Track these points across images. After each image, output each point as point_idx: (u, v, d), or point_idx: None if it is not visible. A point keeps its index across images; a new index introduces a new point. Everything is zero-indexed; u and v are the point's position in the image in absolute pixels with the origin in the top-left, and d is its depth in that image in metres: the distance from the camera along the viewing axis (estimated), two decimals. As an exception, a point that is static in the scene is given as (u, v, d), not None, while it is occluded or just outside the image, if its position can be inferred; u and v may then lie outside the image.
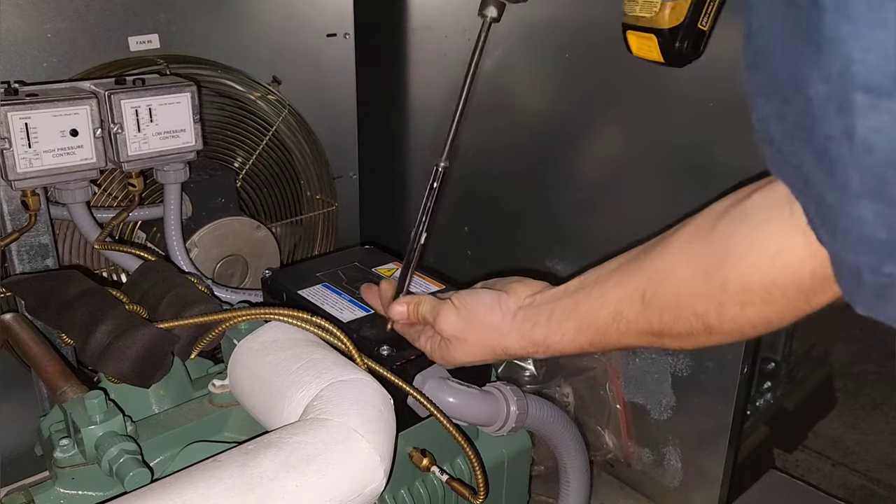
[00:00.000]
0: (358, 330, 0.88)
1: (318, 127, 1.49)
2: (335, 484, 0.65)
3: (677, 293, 0.59)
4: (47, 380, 0.88)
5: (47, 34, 1.14)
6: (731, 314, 0.55)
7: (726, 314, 0.56)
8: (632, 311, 0.63)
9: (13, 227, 1.09)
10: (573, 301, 0.70)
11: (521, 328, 0.75)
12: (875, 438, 1.90)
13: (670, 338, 0.62)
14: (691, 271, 0.58)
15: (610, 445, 1.35)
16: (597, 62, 1.21)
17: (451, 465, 0.96)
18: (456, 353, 0.80)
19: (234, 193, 1.33)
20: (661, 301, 0.60)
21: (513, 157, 1.42)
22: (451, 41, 1.47)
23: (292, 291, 0.99)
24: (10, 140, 0.98)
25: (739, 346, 1.13)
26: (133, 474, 0.73)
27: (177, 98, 1.10)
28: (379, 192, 1.72)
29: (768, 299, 0.52)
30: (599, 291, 0.67)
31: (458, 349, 0.79)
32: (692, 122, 1.09)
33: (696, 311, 0.58)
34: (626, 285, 0.64)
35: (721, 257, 0.55)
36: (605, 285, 0.67)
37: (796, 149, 0.45)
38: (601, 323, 0.67)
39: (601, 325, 0.67)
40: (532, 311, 0.75)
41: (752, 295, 0.53)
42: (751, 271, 0.53)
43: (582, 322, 0.69)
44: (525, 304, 0.76)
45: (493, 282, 0.82)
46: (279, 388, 0.75)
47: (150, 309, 0.93)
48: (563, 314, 0.71)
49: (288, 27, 1.42)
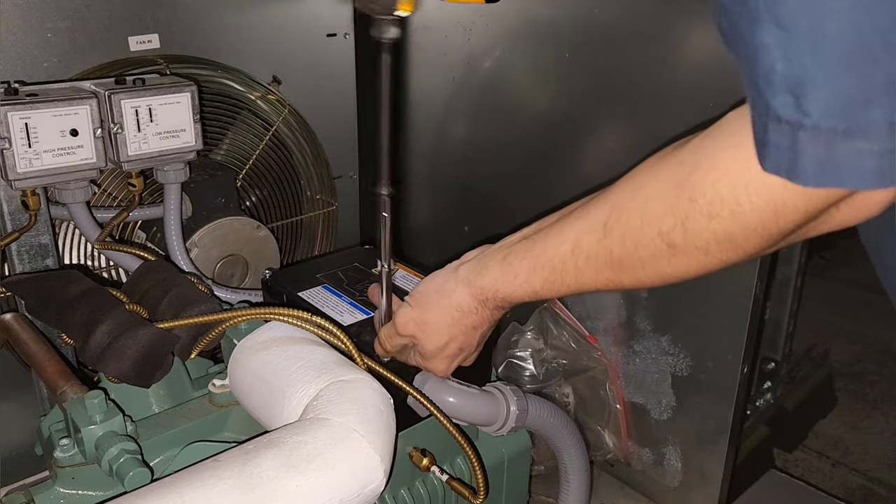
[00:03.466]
0: (359, 334, 0.88)
1: (318, 127, 1.49)
2: (335, 483, 0.65)
3: (643, 212, 0.58)
4: (47, 380, 0.88)
5: (47, 34, 1.14)
6: (698, 228, 0.53)
7: (692, 228, 0.54)
8: (591, 241, 0.62)
9: (13, 227, 1.09)
10: (530, 242, 0.69)
11: (468, 278, 0.74)
12: (875, 438, 1.90)
13: (629, 268, 0.60)
14: (660, 188, 0.56)
15: (610, 445, 1.35)
16: (597, 62, 1.21)
17: (451, 465, 0.96)
18: (427, 345, 0.78)
19: (234, 193, 1.33)
20: (623, 225, 0.59)
21: (513, 157, 1.42)
22: (451, 41, 1.47)
23: (293, 294, 0.98)
24: (10, 140, 0.98)
25: (739, 345, 1.13)
26: (133, 474, 0.73)
27: (177, 98, 1.10)
28: (379, 192, 1.72)
29: (737, 210, 0.51)
30: (558, 228, 0.66)
31: (426, 340, 0.78)
32: (692, 123, 1.09)
33: (661, 230, 0.56)
34: (587, 218, 0.63)
35: (692, 168, 0.54)
36: (563, 223, 0.66)
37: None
38: (557, 260, 0.65)
39: (557, 263, 0.65)
40: (480, 260, 0.74)
41: (721, 204, 0.51)
42: (722, 177, 0.51)
43: (537, 261, 0.67)
44: (471, 259, 0.75)
45: None
46: (279, 388, 0.75)
47: (150, 309, 0.93)
48: (517, 256, 0.69)
49: (288, 27, 1.42)
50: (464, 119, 1.51)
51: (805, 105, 0.43)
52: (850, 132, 0.43)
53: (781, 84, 0.44)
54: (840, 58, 0.42)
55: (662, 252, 0.57)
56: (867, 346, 2.27)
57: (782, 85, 0.44)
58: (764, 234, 0.51)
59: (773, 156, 0.47)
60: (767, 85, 0.45)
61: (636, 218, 0.58)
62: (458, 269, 0.75)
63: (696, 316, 1.18)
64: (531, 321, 1.35)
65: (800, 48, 0.42)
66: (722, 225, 0.52)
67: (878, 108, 0.42)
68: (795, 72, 0.43)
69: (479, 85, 1.45)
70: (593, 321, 1.33)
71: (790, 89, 0.44)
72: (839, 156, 0.44)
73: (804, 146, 0.44)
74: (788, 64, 0.43)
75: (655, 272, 0.59)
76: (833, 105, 0.43)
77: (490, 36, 1.40)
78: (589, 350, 1.32)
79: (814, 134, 0.44)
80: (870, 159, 0.43)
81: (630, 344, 1.28)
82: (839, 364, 2.14)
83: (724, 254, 0.54)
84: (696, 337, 1.18)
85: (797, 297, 1.57)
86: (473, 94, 1.47)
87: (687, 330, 1.19)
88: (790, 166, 0.46)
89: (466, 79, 1.47)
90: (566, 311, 1.34)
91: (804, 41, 0.42)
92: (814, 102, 0.43)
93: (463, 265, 0.76)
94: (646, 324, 1.25)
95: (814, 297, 1.90)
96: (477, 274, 0.73)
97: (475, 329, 0.77)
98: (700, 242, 0.54)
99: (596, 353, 1.32)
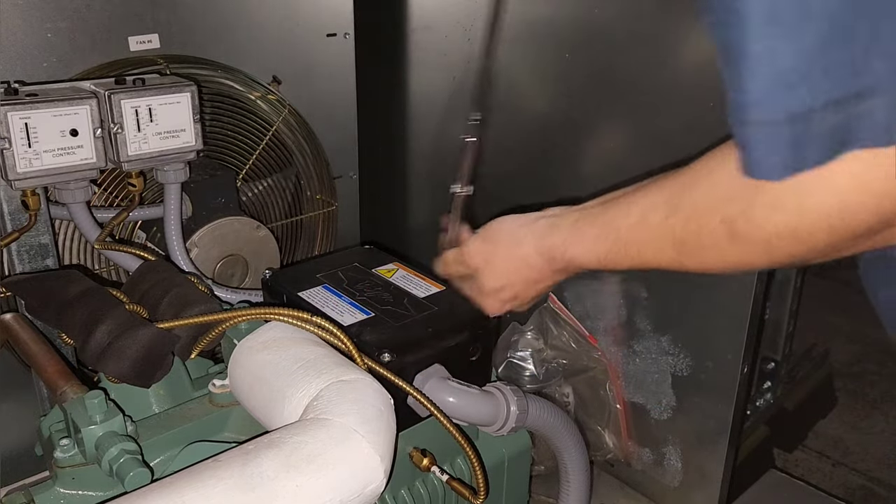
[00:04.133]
0: (359, 334, 0.88)
1: (318, 127, 1.49)
2: (335, 484, 0.65)
3: (709, 195, 0.57)
4: (47, 380, 0.88)
5: (47, 34, 1.14)
6: (761, 218, 0.52)
7: (755, 217, 0.52)
8: (656, 216, 0.62)
9: (13, 227, 1.09)
10: (602, 208, 0.70)
11: (540, 232, 0.75)
12: (875, 438, 1.90)
13: (691, 251, 0.59)
14: (728, 173, 0.54)
15: (610, 445, 1.35)
16: (597, 62, 1.21)
17: (452, 465, 0.96)
18: (486, 281, 0.81)
19: (234, 193, 1.33)
20: (689, 205, 0.59)
21: (513, 156, 1.42)
22: (451, 41, 1.47)
23: (293, 294, 0.98)
24: (10, 140, 0.98)
25: (739, 345, 1.13)
26: (133, 474, 0.73)
27: (177, 98, 1.10)
28: (379, 192, 1.72)
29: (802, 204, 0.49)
30: (627, 200, 0.66)
31: (487, 276, 0.81)
32: (692, 122, 1.09)
33: (725, 216, 0.55)
34: (656, 194, 0.63)
35: None
36: (633, 195, 0.66)
37: None
38: (623, 230, 0.65)
39: (622, 233, 0.66)
40: (555, 219, 0.75)
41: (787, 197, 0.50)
42: None
43: (604, 229, 0.68)
44: (549, 215, 0.77)
45: None
46: (279, 388, 0.75)
47: (150, 309, 0.93)
48: (587, 221, 0.71)
49: (288, 27, 1.42)
50: (464, 119, 1.50)
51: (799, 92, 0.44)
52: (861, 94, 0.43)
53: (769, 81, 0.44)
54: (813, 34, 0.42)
55: (724, 239, 0.56)
56: (867, 346, 2.27)
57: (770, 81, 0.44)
58: (831, 232, 0.49)
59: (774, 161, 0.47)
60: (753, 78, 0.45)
61: (703, 201, 0.58)
62: (536, 222, 0.77)
63: (696, 316, 1.18)
64: (531, 321, 1.35)
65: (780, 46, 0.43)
66: (785, 217, 0.50)
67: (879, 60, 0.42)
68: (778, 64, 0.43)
69: (479, 85, 1.45)
70: (593, 321, 1.33)
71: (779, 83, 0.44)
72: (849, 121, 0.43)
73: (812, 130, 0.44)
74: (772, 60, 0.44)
75: (718, 258, 0.58)
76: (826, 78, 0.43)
77: (490, 36, 1.40)
78: (589, 350, 1.32)
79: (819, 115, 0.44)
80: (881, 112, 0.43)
81: (630, 344, 1.28)
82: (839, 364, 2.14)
83: (789, 248, 0.52)
84: (696, 337, 1.18)
85: (797, 297, 1.57)
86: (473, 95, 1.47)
87: (687, 330, 1.19)
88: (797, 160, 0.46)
89: (466, 79, 1.47)
90: (566, 311, 1.34)
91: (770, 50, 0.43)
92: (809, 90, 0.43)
93: (542, 219, 0.77)
94: (646, 324, 1.25)
95: (814, 297, 1.90)
96: (549, 231, 0.74)
97: (535, 283, 0.78)
98: (763, 234, 0.53)
99: (596, 353, 1.32)
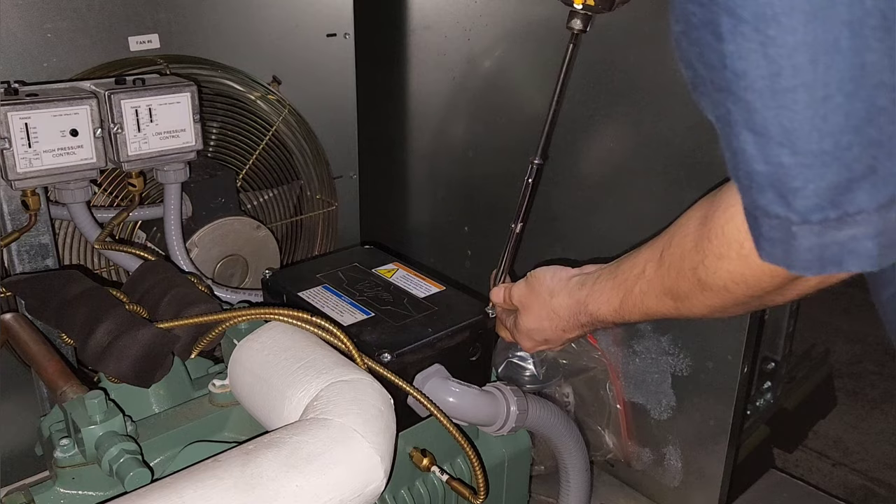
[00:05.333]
0: (358, 334, 0.88)
1: (318, 127, 1.49)
2: (335, 484, 0.65)
3: (682, 247, 0.61)
4: (47, 380, 0.88)
5: (47, 34, 1.13)
6: (714, 266, 0.56)
7: (710, 266, 0.56)
8: (651, 269, 0.67)
9: (13, 227, 1.09)
10: (617, 264, 0.75)
11: (571, 288, 0.81)
12: (875, 438, 1.90)
13: (681, 298, 0.63)
14: (693, 224, 0.59)
15: (610, 445, 1.35)
16: (597, 62, 1.21)
17: (452, 465, 0.96)
18: (524, 321, 0.87)
19: (234, 193, 1.33)
20: (671, 257, 0.63)
21: (513, 157, 1.42)
22: (451, 41, 1.47)
23: (292, 293, 0.98)
24: (10, 140, 0.98)
25: (739, 345, 1.13)
26: (133, 474, 0.73)
27: (177, 98, 1.10)
28: (379, 192, 1.72)
29: (742, 253, 0.52)
30: (636, 254, 0.71)
31: (525, 316, 0.87)
32: (693, 122, 1.09)
33: (692, 265, 0.59)
34: (652, 248, 0.68)
35: (715, 208, 0.56)
36: (641, 249, 0.71)
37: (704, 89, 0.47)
38: (630, 283, 0.71)
39: (629, 285, 0.71)
40: (585, 277, 0.81)
41: (728, 247, 0.53)
42: (730, 220, 0.53)
43: (616, 282, 0.73)
44: (582, 272, 0.82)
45: None
46: (279, 388, 0.75)
47: (150, 309, 0.93)
48: (606, 276, 0.76)
49: (288, 27, 1.42)
50: (464, 119, 1.50)
51: (792, 202, 0.44)
52: (843, 220, 0.44)
53: (766, 183, 0.45)
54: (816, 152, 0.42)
55: (696, 286, 0.60)
56: (867, 346, 2.27)
57: (767, 184, 0.45)
58: (775, 277, 0.51)
59: (768, 248, 0.48)
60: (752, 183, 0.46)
61: (678, 252, 0.62)
62: (571, 279, 0.83)
63: (696, 316, 1.18)
64: (531, 321, 1.35)
65: (777, 150, 0.43)
66: (731, 266, 0.54)
67: (862, 192, 0.43)
68: (777, 172, 0.44)
69: (479, 85, 1.45)
70: (593, 321, 1.33)
71: (775, 188, 0.45)
72: (836, 243, 0.45)
73: (798, 239, 0.46)
74: (769, 166, 0.44)
75: (701, 304, 0.62)
76: (819, 198, 0.43)
77: (490, 36, 1.40)
78: (589, 350, 1.32)
79: (806, 227, 0.45)
80: (866, 241, 0.44)
81: (630, 344, 1.28)
82: (839, 364, 2.14)
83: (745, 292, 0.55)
84: (696, 337, 1.18)
85: (797, 298, 1.56)
86: (473, 94, 1.47)
87: (687, 330, 1.19)
88: (786, 257, 0.47)
89: (466, 79, 1.47)
90: (566, 311, 1.33)
91: (779, 143, 0.43)
92: (801, 199, 0.44)
93: (575, 276, 0.82)
94: (646, 324, 1.25)
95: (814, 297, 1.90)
96: (578, 288, 0.80)
97: (564, 332, 0.85)
98: (719, 280, 0.56)
99: (596, 353, 1.32)
